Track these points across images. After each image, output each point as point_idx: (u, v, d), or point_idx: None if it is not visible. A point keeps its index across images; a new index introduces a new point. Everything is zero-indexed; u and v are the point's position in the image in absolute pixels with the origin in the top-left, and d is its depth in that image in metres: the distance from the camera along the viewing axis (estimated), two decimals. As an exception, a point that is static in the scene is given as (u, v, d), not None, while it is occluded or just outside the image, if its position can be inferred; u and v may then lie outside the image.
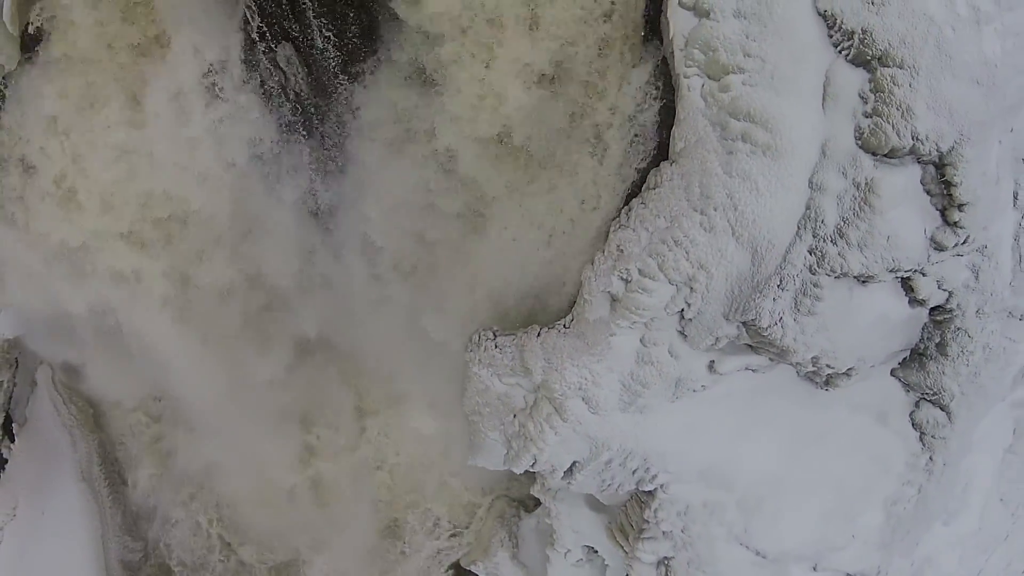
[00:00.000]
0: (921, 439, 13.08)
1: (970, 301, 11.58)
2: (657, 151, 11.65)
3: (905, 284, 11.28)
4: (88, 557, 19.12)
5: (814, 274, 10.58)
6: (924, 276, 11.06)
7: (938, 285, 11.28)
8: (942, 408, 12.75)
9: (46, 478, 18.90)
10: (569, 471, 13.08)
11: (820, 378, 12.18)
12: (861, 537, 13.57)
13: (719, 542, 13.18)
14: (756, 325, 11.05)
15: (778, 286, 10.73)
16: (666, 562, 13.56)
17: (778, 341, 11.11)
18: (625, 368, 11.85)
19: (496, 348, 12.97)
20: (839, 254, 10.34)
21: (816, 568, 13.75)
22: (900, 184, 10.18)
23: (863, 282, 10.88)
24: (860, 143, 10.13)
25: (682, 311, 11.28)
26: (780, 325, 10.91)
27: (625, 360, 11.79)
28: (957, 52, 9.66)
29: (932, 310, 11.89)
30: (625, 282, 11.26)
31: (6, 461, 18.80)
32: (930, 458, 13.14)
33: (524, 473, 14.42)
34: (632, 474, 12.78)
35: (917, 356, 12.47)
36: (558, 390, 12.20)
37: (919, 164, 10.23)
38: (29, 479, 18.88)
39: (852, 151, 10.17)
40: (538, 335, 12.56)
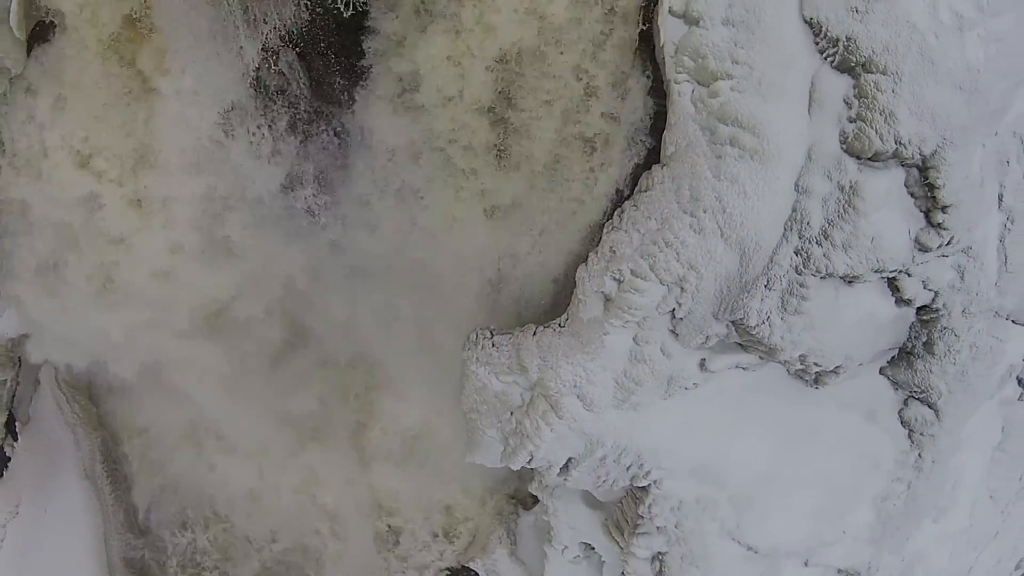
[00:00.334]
0: (910, 437, 13.31)
1: (956, 301, 11.81)
2: (649, 155, 11.92)
3: (891, 284, 11.53)
4: (91, 554, 19.35)
5: (800, 274, 10.86)
6: (909, 276, 11.33)
7: (924, 285, 11.53)
8: (930, 406, 12.98)
9: (49, 476, 19.17)
10: (565, 467, 13.34)
11: (809, 376, 12.44)
12: (851, 533, 13.83)
13: (712, 537, 13.45)
14: (744, 324, 11.35)
15: (765, 286, 11.03)
16: (660, 557, 13.85)
17: (766, 339, 11.41)
18: (618, 366, 12.14)
19: (493, 347, 13.18)
20: (824, 255, 10.63)
21: (807, 564, 14.04)
22: (884, 187, 10.45)
23: (849, 282, 11.16)
24: (845, 147, 10.41)
25: (673, 310, 11.57)
26: (768, 324, 11.21)
27: (618, 358, 12.08)
28: (940, 58, 9.91)
29: (919, 309, 12.12)
30: (618, 282, 11.57)
31: (9, 459, 18.90)
32: (919, 455, 13.36)
33: (521, 470, 14.57)
34: (626, 470, 13.05)
35: (905, 355, 12.70)
36: (553, 388, 12.49)
37: (903, 167, 10.48)
38: (32, 477, 19.09)
39: (837, 155, 10.45)
40: (534, 334, 12.80)
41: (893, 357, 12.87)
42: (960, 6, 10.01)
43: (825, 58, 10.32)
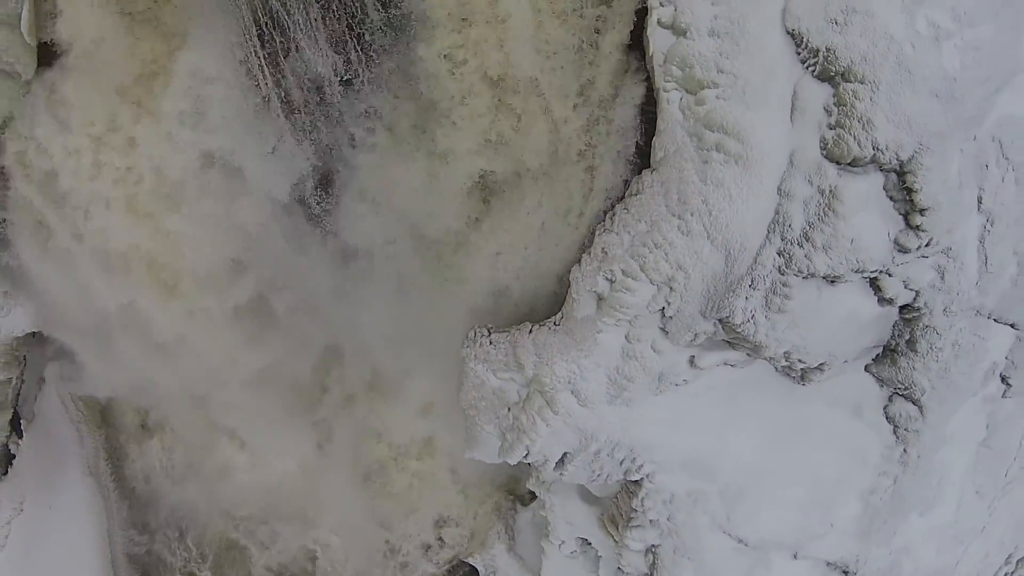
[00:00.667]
0: (895, 432, 13.73)
1: (937, 300, 12.23)
2: (639, 160, 12.40)
3: (873, 284, 12.00)
4: (94, 551, 19.48)
5: (783, 274, 11.34)
6: (890, 277, 11.78)
7: (905, 285, 11.97)
8: (914, 402, 13.40)
9: (54, 473, 19.32)
10: (561, 462, 13.73)
11: (795, 373, 12.88)
12: (839, 526, 14.21)
13: (703, 530, 13.82)
14: (730, 322, 11.84)
15: (750, 285, 11.51)
16: (653, 549, 14.21)
17: (751, 337, 11.88)
18: (611, 363, 12.58)
19: (491, 344, 13.61)
20: (806, 256, 11.11)
21: (796, 556, 14.39)
22: (863, 191, 10.92)
23: (831, 282, 11.62)
24: (825, 153, 10.90)
25: (663, 309, 12.02)
26: (752, 322, 11.69)
27: (611, 355, 12.52)
28: (916, 67, 10.39)
29: (901, 308, 12.54)
30: (610, 282, 12.02)
31: (14, 457, 19.19)
32: (904, 450, 13.75)
33: (519, 466, 14.92)
34: (620, 464, 13.45)
35: (889, 352, 13.13)
36: (549, 384, 12.89)
37: (881, 172, 10.95)
38: (37, 474, 19.28)
39: (817, 160, 10.93)
40: (530, 332, 13.25)
41: (878, 355, 13.30)
42: (937, 17, 10.48)
43: (806, 68, 10.81)
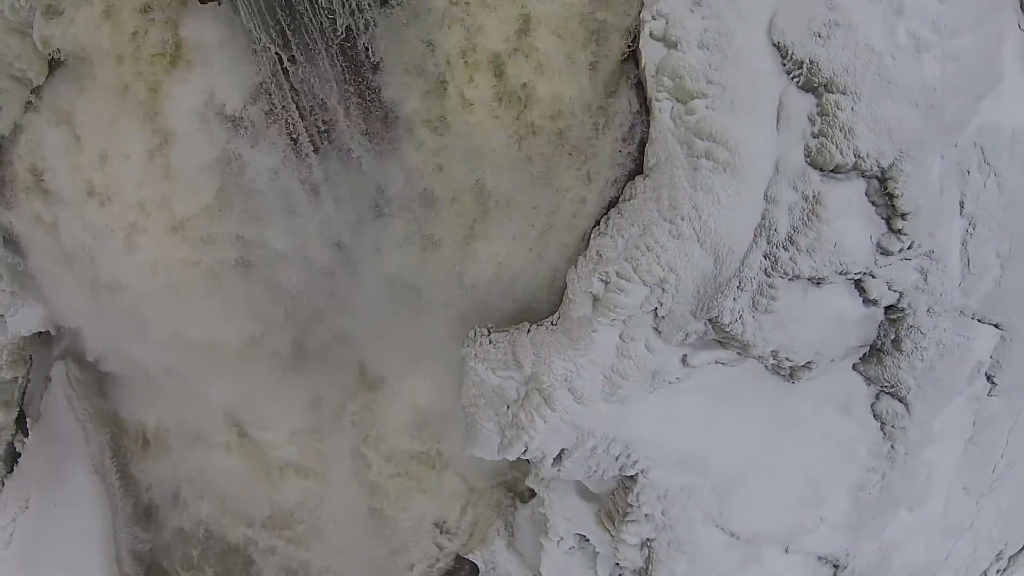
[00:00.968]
0: (882, 429, 14.28)
1: (920, 301, 12.77)
2: (633, 166, 12.87)
3: (857, 285, 12.55)
4: (99, 547, 19.59)
5: (769, 276, 11.90)
6: (874, 278, 12.33)
7: (888, 286, 12.50)
8: (900, 400, 13.94)
9: (59, 471, 19.46)
10: (558, 458, 14.15)
11: (784, 371, 13.39)
12: (829, 521, 14.74)
13: (696, 524, 14.31)
14: (720, 322, 12.40)
15: (738, 287, 12.07)
16: (648, 543, 14.69)
17: (739, 336, 12.43)
18: (606, 361, 13.08)
19: (490, 343, 14.00)
20: (790, 259, 11.68)
21: (788, 550, 14.91)
22: (845, 196, 11.49)
23: (816, 283, 12.16)
24: (809, 160, 11.45)
25: (655, 309, 12.56)
26: (740, 322, 12.25)
27: (606, 354, 13.03)
28: (896, 78, 10.95)
29: (886, 309, 13.07)
30: (604, 283, 12.57)
31: (19, 455, 19.54)
32: (892, 447, 14.32)
33: (517, 462, 15.42)
34: (615, 460, 13.90)
35: (875, 351, 13.65)
36: (546, 382, 13.36)
37: (863, 178, 11.51)
38: (42, 472, 19.48)
39: (802, 167, 11.49)
40: (528, 331, 13.71)
41: (865, 354, 13.82)
42: (917, 28, 11.06)
43: (791, 79, 11.37)
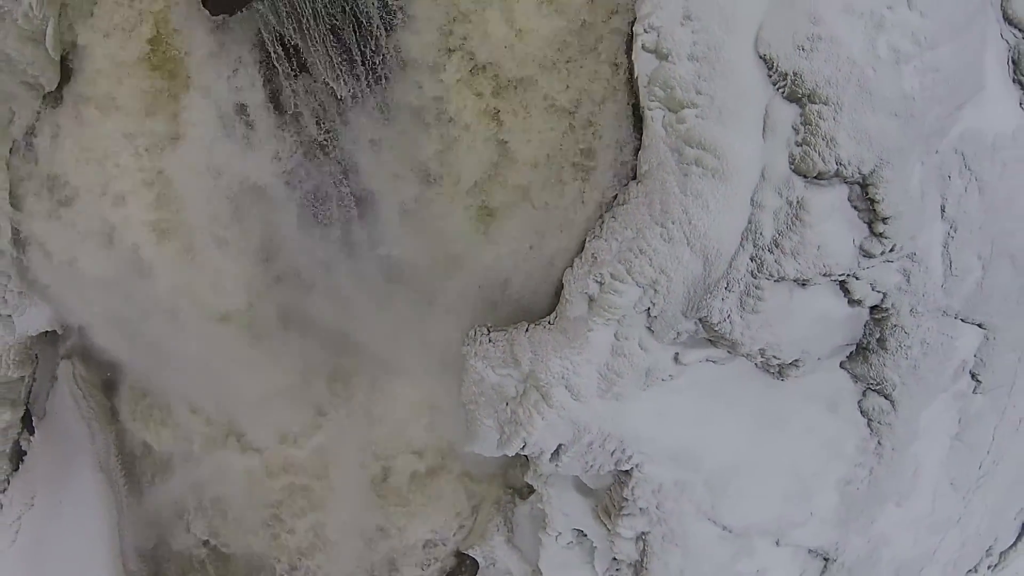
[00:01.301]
0: (869, 425, 14.90)
1: (903, 301, 13.44)
2: (627, 172, 13.50)
3: (842, 286, 13.21)
4: (104, 544, 20.09)
5: (755, 278, 12.54)
6: (857, 279, 12.99)
7: (872, 287, 13.16)
8: (886, 397, 14.57)
9: (64, 469, 19.95)
10: (556, 453, 14.77)
11: (773, 368, 14.00)
12: (819, 515, 15.36)
13: (689, 518, 14.90)
14: (709, 321, 13.05)
15: (726, 288, 12.71)
16: (644, 537, 15.29)
17: (728, 335, 13.08)
18: (601, 359, 13.70)
19: (490, 342, 14.55)
20: (776, 261, 12.33)
21: (779, 543, 15.54)
22: (828, 202, 12.15)
23: (802, 284, 12.81)
24: (793, 167, 12.11)
25: (648, 309, 13.20)
26: (729, 321, 12.90)
27: (601, 352, 13.65)
28: (876, 89, 11.58)
29: (871, 309, 13.72)
30: (599, 284, 13.21)
31: (25, 453, 19.98)
32: (878, 443, 14.93)
33: (516, 457, 16.11)
34: (611, 455, 14.48)
35: (861, 350, 14.32)
36: (544, 379, 13.96)
37: (845, 184, 12.16)
38: (48, 470, 19.97)
39: (786, 174, 12.14)
40: (526, 331, 14.28)
41: (851, 352, 14.48)
42: (898, 42, 11.73)
43: (777, 89, 12.02)
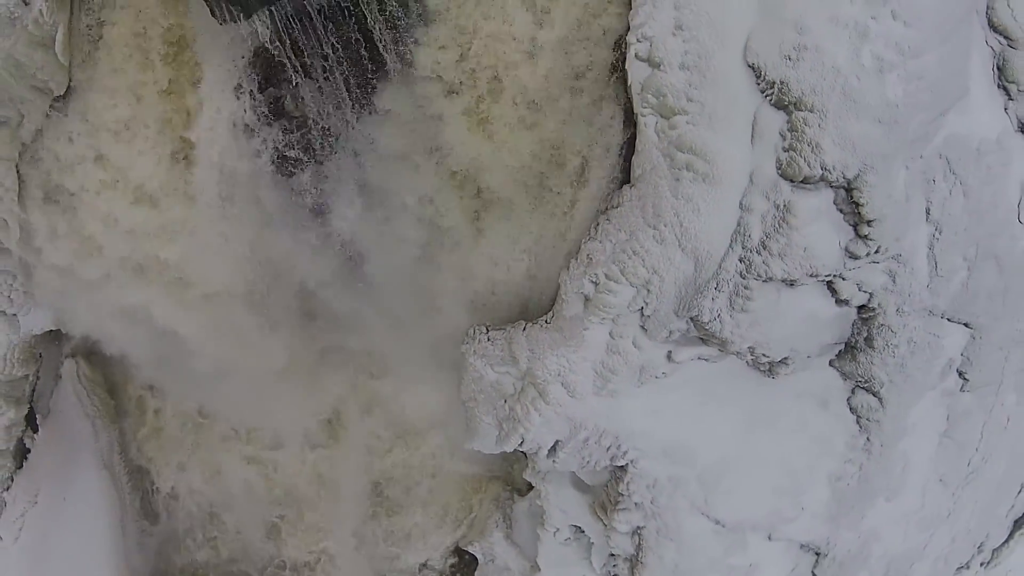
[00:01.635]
0: (858, 422, 15.45)
1: (890, 301, 13.95)
2: (621, 176, 14.06)
3: (829, 286, 13.76)
4: (107, 541, 20.45)
5: (744, 278, 13.06)
6: (844, 280, 13.51)
7: (858, 288, 13.68)
8: (874, 394, 15.09)
9: (68, 466, 20.22)
10: (553, 449, 15.13)
11: (763, 366, 14.53)
12: (810, 510, 15.88)
13: (683, 512, 15.43)
14: (700, 320, 13.58)
15: (716, 288, 13.24)
16: (639, 531, 15.78)
17: (718, 333, 13.61)
18: (597, 357, 14.14)
19: (488, 341, 14.89)
20: (763, 262, 12.86)
21: (770, 537, 16.05)
22: (814, 205, 12.68)
23: (790, 285, 13.34)
24: (780, 172, 12.60)
25: (642, 309, 13.65)
26: (719, 320, 13.43)
27: (596, 350, 14.09)
28: (861, 96, 12.12)
29: (859, 308, 14.25)
30: (594, 285, 13.65)
31: (29, 451, 20.28)
32: (868, 439, 15.48)
33: (516, 459, 17.01)
34: (606, 451, 15.00)
35: (850, 348, 14.82)
36: (541, 377, 14.38)
37: (831, 188, 12.71)
38: (51, 467, 20.23)
39: (774, 179, 12.64)
40: (524, 329, 14.61)
41: (840, 350, 15.00)
42: (881, 51, 12.26)
43: (765, 97, 12.52)
